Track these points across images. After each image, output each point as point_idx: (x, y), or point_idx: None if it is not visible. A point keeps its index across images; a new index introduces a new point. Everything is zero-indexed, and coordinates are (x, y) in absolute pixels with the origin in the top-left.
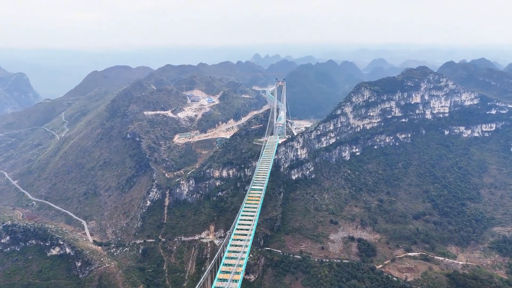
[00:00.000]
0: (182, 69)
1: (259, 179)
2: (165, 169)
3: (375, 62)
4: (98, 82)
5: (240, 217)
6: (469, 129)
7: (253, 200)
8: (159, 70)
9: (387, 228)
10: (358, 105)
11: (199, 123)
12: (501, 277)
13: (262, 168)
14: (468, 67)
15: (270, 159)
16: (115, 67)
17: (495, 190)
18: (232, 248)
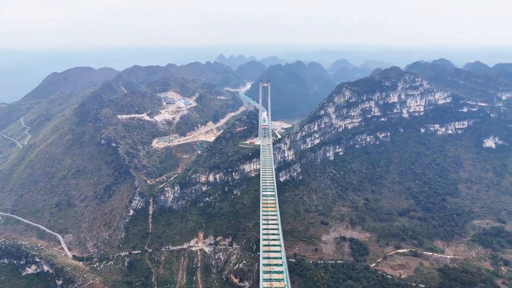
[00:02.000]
0: (150, 70)
1: (267, 184)
2: (147, 176)
3: (339, 63)
4: (58, 84)
5: (262, 227)
6: (443, 127)
7: (269, 207)
8: (126, 72)
9: (375, 226)
10: (340, 105)
11: (177, 126)
12: (487, 269)
13: (266, 172)
14: (436, 67)
15: (271, 162)
16: (76, 69)
17: (471, 184)
18: (265, 262)
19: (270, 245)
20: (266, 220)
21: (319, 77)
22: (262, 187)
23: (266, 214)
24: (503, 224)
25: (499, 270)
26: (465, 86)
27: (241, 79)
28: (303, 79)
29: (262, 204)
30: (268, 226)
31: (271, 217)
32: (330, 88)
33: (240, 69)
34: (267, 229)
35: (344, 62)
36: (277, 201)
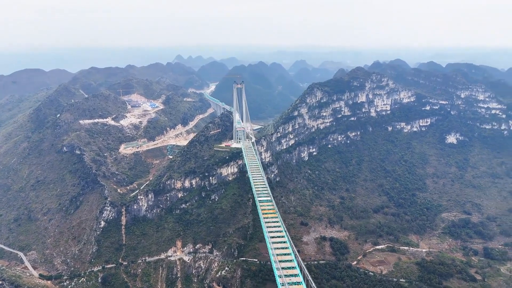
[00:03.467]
0: (109, 72)
1: (260, 189)
2: (117, 184)
3: (298, 63)
4: (6, 88)
5: (268, 234)
6: (409, 125)
7: (269, 214)
8: (83, 74)
9: (353, 224)
10: (312, 105)
11: (145, 130)
12: (461, 260)
13: (255, 176)
14: (396, 67)
15: (258, 164)
16: (25, 71)
17: (437, 179)
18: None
19: (281, 254)
20: (269, 228)
21: (282, 78)
22: (256, 193)
23: (268, 222)
24: (469, 215)
25: (471, 260)
26: (426, 85)
27: (205, 80)
28: (267, 80)
29: (262, 211)
30: (273, 235)
31: (273, 224)
32: (293, 88)
33: (202, 70)
34: (274, 237)
35: (303, 63)
36: (275, 205)
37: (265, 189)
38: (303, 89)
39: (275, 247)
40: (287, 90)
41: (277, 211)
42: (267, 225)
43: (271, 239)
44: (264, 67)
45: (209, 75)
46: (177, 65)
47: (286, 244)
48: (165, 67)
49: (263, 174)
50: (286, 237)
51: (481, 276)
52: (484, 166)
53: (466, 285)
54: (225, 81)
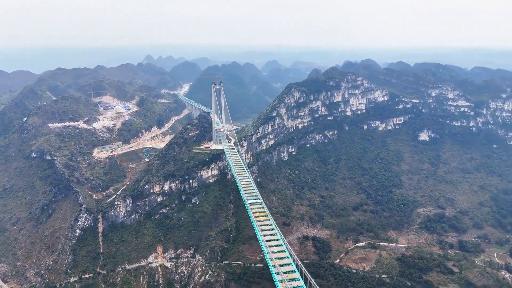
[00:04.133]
0: (77, 73)
1: (248, 191)
2: (92, 190)
3: (270, 64)
4: None
5: (261, 237)
6: (383, 123)
7: (261, 216)
8: (48, 75)
9: (333, 222)
10: (290, 105)
11: (120, 133)
12: (438, 253)
13: (242, 178)
14: (368, 66)
15: (243, 166)
16: None
17: (412, 175)
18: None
19: (279, 258)
20: (263, 231)
21: (256, 78)
22: (245, 196)
23: (261, 225)
24: (443, 210)
25: (447, 253)
26: (398, 85)
27: (178, 81)
28: (241, 80)
29: (253, 215)
30: (268, 238)
31: (266, 227)
32: (268, 88)
33: (174, 70)
34: (269, 240)
35: (275, 63)
36: (266, 207)
37: (253, 191)
38: (277, 89)
39: (272, 250)
40: (262, 90)
41: (268, 213)
42: (260, 228)
43: (267, 242)
44: (238, 67)
45: (181, 76)
46: (149, 66)
47: (282, 248)
48: (136, 68)
49: (250, 176)
50: (281, 239)
51: (458, 269)
52: (455, 162)
53: (445, 278)
54: (199, 82)
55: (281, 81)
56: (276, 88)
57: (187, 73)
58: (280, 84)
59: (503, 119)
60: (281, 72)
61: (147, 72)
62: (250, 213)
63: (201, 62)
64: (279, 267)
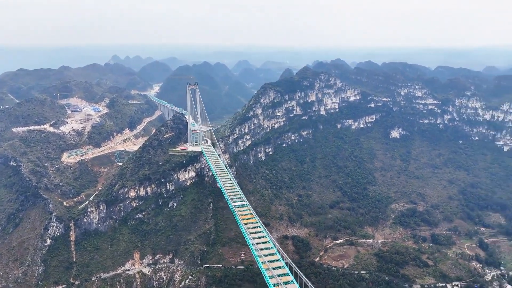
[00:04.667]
0: (40, 74)
1: (232, 193)
2: (62, 196)
3: (241, 63)
4: None
5: (250, 239)
6: (356, 122)
7: (248, 219)
8: (9, 76)
9: (312, 221)
10: (266, 105)
11: (89, 136)
12: (413, 247)
13: (224, 180)
14: (339, 66)
15: (224, 167)
16: None
17: (385, 172)
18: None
19: (270, 261)
20: (252, 234)
21: (228, 78)
22: (230, 199)
23: (249, 227)
24: (415, 205)
25: (421, 247)
26: (368, 84)
27: (148, 81)
28: (213, 80)
29: (240, 218)
30: (257, 241)
31: (254, 229)
32: (240, 88)
33: (143, 70)
34: (259, 243)
35: (246, 63)
36: (252, 209)
37: (237, 193)
38: (249, 89)
39: (263, 253)
40: (234, 90)
41: (255, 215)
42: (249, 231)
43: (257, 245)
44: (209, 67)
45: (151, 76)
46: (117, 66)
47: (273, 250)
48: (103, 68)
49: (232, 178)
50: (271, 242)
51: (432, 261)
52: (424, 158)
53: (421, 271)
54: (170, 82)
55: (253, 81)
56: (248, 88)
57: (157, 74)
58: (252, 84)
59: (468, 116)
60: (252, 72)
61: (116, 73)
62: (237, 216)
63: (171, 62)
64: (272, 271)
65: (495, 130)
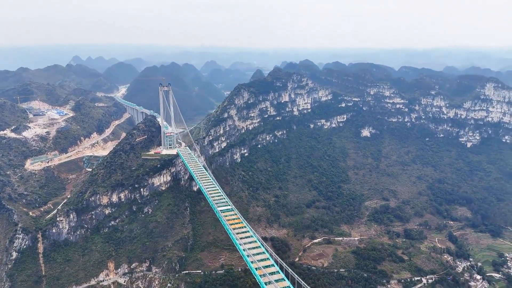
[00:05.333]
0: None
1: (215, 197)
2: (27, 206)
3: (209, 64)
4: None
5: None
6: (328, 121)
7: (236, 224)
8: None
9: (289, 221)
10: (240, 107)
11: (55, 141)
12: (388, 243)
13: (206, 184)
14: (309, 67)
15: (204, 171)
16: None
17: (357, 170)
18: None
19: (265, 266)
20: (242, 239)
21: (197, 79)
22: (215, 203)
23: (239, 232)
24: (388, 201)
25: (396, 242)
26: (338, 84)
27: (113, 83)
28: (182, 81)
29: (228, 223)
30: (248, 246)
31: (243, 234)
32: (210, 89)
33: (108, 72)
34: (250, 248)
35: (214, 64)
36: (238, 213)
37: (221, 197)
38: (219, 90)
39: (257, 259)
40: (204, 91)
41: (243, 219)
42: (239, 237)
43: (250, 250)
44: (177, 68)
45: (117, 78)
46: (80, 67)
47: (265, 255)
48: (65, 70)
49: (215, 181)
50: (262, 246)
51: (407, 256)
52: (394, 155)
53: (397, 266)
54: (137, 84)
55: (222, 82)
56: (218, 89)
57: (123, 75)
58: (222, 85)
59: (433, 114)
60: (221, 73)
61: (79, 74)
62: (224, 221)
63: (136, 63)
64: (269, 276)
65: (459, 128)
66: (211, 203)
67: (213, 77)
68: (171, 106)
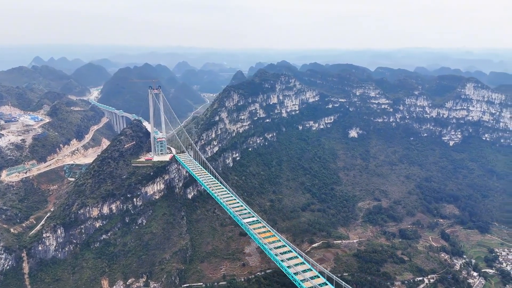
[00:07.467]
0: None
1: (236, 208)
2: (7, 222)
3: (181, 65)
4: None
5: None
6: (316, 123)
7: (270, 238)
8: None
9: (287, 226)
10: (231, 109)
11: (32, 150)
12: (386, 244)
13: (221, 194)
14: (292, 68)
15: (213, 179)
16: None
17: (348, 171)
18: None
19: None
20: (280, 254)
21: (172, 80)
22: (238, 215)
23: (276, 248)
24: (380, 202)
25: (394, 243)
26: (323, 85)
27: (84, 86)
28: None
29: (259, 237)
30: (283, 257)
31: (281, 249)
32: (187, 91)
33: (78, 73)
34: (289, 258)
35: (186, 65)
36: (267, 225)
37: (242, 207)
38: (196, 91)
39: (301, 269)
40: (181, 93)
41: (272, 230)
42: (277, 251)
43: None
44: (151, 69)
45: (86, 80)
46: (46, 69)
47: (306, 266)
48: (31, 72)
49: (230, 190)
50: (300, 256)
51: (407, 257)
52: (382, 155)
53: (399, 267)
54: (110, 86)
55: (197, 83)
56: (194, 90)
57: (93, 77)
58: (197, 86)
59: (417, 114)
60: (195, 74)
61: (46, 77)
62: (256, 237)
63: (104, 64)
64: None
65: (441, 127)
66: (232, 215)
67: (187, 78)
68: (162, 110)
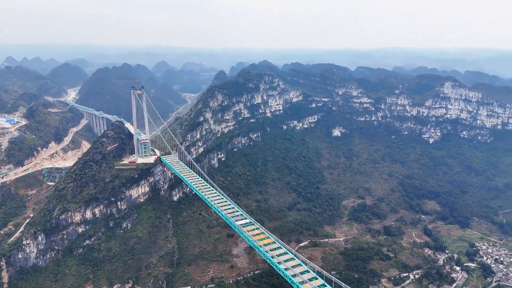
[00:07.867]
0: None
1: (228, 209)
2: None
3: (161, 65)
4: None
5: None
6: (300, 122)
7: (264, 240)
8: None
9: (273, 226)
10: (215, 109)
11: (8, 153)
12: (372, 241)
13: (212, 197)
14: (274, 67)
15: (203, 181)
16: None
17: (332, 170)
18: None
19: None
20: (275, 256)
21: (152, 80)
22: (231, 218)
23: (270, 250)
24: (364, 199)
25: (379, 240)
26: (306, 85)
27: (61, 86)
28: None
29: (253, 239)
30: (279, 259)
31: (271, 246)
32: (167, 91)
33: (53, 74)
34: (286, 260)
35: (165, 65)
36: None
37: (233, 209)
38: (177, 91)
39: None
40: (161, 93)
41: (267, 232)
42: (274, 254)
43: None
44: (130, 69)
45: (63, 80)
46: (20, 69)
47: (303, 268)
48: (4, 72)
49: (221, 192)
50: (297, 258)
51: (392, 253)
52: (365, 154)
53: (385, 264)
54: (89, 86)
55: (177, 83)
56: (175, 90)
57: (69, 77)
58: (178, 86)
59: (398, 113)
60: (175, 74)
61: (21, 77)
62: (250, 239)
63: (80, 64)
64: None
65: (421, 125)
66: (224, 217)
67: (167, 78)
68: (145, 111)
